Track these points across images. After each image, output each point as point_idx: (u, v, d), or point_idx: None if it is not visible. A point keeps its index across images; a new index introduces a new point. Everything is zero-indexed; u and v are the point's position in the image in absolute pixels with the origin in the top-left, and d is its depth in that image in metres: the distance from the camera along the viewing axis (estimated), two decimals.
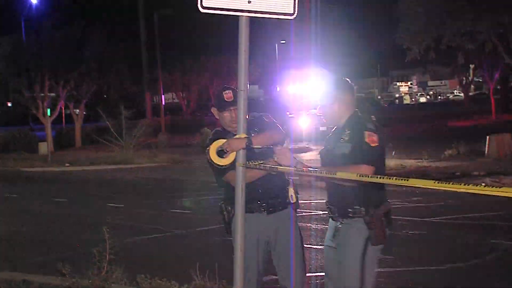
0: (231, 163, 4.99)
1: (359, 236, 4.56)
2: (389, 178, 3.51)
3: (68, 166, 26.06)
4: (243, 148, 4.84)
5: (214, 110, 5.36)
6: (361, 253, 4.55)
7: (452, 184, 3.12)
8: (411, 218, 11.33)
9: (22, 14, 43.65)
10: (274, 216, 5.24)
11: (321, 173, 4.12)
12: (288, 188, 5.21)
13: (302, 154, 23.13)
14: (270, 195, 5.20)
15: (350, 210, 4.60)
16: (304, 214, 11.62)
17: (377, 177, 3.64)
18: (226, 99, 5.21)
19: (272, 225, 5.24)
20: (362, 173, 4.30)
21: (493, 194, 2.91)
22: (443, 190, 3.26)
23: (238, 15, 4.72)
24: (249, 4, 4.70)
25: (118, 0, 50.59)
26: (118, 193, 17.44)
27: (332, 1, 62.93)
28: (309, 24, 52.85)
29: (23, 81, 35.15)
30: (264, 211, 5.23)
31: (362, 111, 4.76)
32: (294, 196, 5.21)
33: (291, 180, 5.21)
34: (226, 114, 5.24)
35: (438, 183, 3.16)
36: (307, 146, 27.60)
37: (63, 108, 38.94)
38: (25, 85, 35.11)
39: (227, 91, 5.20)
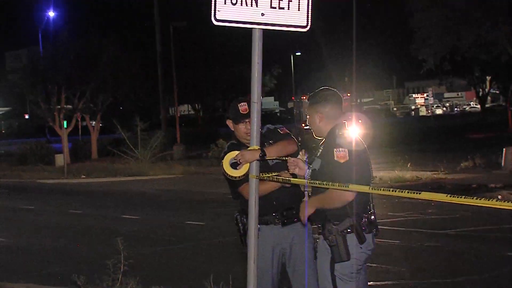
0: (244, 175, 5.00)
1: (323, 254, 4.56)
2: (401, 191, 3.51)
3: (84, 177, 26.16)
4: (257, 160, 4.85)
5: (229, 122, 5.39)
6: (329, 271, 4.53)
7: (465, 198, 3.12)
8: (426, 230, 11.29)
9: (40, 27, 44.09)
10: (289, 228, 5.25)
11: (332, 185, 4.12)
12: (303, 200, 5.21)
13: None
14: (284, 207, 5.20)
15: (314, 226, 4.67)
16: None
17: (389, 190, 3.64)
18: (241, 112, 5.22)
19: (287, 237, 5.24)
20: (332, 199, 4.44)
21: (506, 208, 2.91)
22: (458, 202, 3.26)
23: (252, 28, 4.75)
24: (263, 16, 4.73)
25: (133, 12, 50.93)
26: (133, 204, 17.49)
27: (346, 13, 63.01)
28: (324, 36, 52.94)
29: (40, 93, 35.36)
30: (279, 223, 5.24)
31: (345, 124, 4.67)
32: None
33: (305, 192, 5.22)
34: (241, 126, 5.26)
35: (450, 196, 3.16)
36: None
37: (79, 120, 39.10)
38: (42, 97, 35.31)
39: (242, 103, 5.22)
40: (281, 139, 5.14)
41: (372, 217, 4.59)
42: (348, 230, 4.47)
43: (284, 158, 4.93)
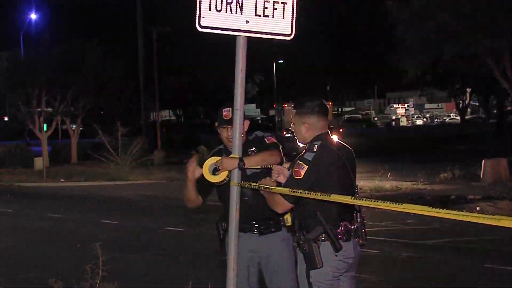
0: (223, 181, 5.00)
1: (301, 263, 4.63)
2: (383, 202, 3.51)
3: (63, 181, 26.00)
4: (236, 168, 4.85)
5: (215, 125, 5.40)
6: (305, 279, 4.58)
7: (447, 210, 3.13)
8: (405, 241, 11.32)
9: (21, 30, 43.85)
10: (266, 238, 5.24)
11: (314, 195, 4.12)
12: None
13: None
14: (263, 216, 5.18)
15: (293, 235, 4.78)
16: None
17: (372, 201, 3.64)
18: (223, 117, 5.22)
19: (264, 247, 5.23)
20: (275, 203, 4.60)
21: (487, 223, 2.92)
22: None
23: (236, 35, 4.75)
24: (247, 24, 4.73)
25: (117, 17, 50.81)
26: (112, 209, 17.40)
27: (329, 22, 63.30)
28: (306, 44, 53.10)
29: (20, 96, 35.14)
30: (256, 232, 5.23)
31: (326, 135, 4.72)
32: (289, 218, 5.19)
33: None
34: (223, 131, 5.26)
35: (432, 209, 3.16)
36: None
37: (59, 123, 38.88)
38: (22, 100, 35.10)
39: (226, 109, 5.21)
40: (265, 149, 5.13)
41: (354, 226, 4.61)
42: (322, 238, 4.49)
43: (269, 166, 4.93)
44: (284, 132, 36.38)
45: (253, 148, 5.10)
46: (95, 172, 27.52)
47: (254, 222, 5.21)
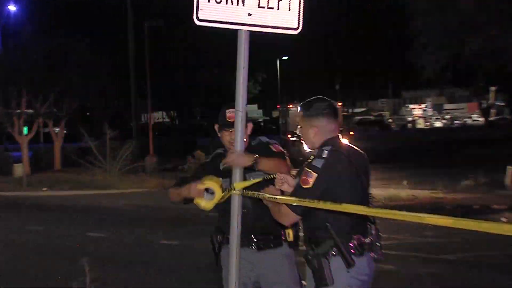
0: (212, 207, 5.03)
1: (309, 279, 4.61)
2: (400, 212, 3.51)
3: (45, 190, 26.02)
4: (246, 167, 4.82)
5: (216, 127, 5.38)
6: None
7: (470, 220, 3.13)
8: (423, 255, 11.31)
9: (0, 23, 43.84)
10: (265, 253, 5.23)
11: (324, 204, 4.12)
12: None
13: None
14: (262, 229, 5.17)
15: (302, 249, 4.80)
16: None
17: (387, 210, 3.64)
18: (227, 119, 5.22)
19: (262, 263, 5.23)
20: (281, 215, 4.56)
21: None
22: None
23: (237, 29, 4.74)
24: (250, 17, 4.71)
25: (105, 10, 50.81)
26: (100, 221, 17.39)
27: (340, 14, 63.32)
28: (314, 39, 53.11)
29: None
30: (254, 246, 5.22)
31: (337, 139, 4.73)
32: (291, 233, 5.18)
33: None
34: (226, 134, 5.27)
35: (457, 220, 3.15)
36: None
37: (41, 126, 38.87)
38: None
39: (230, 110, 5.18)
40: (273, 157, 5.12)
41: (369, 239, 4.59)
42: (333, 252, 4.47)
43: (272, 176, 4.92)
44: (289, 136, 36.34)
45: (256, 156, 5.08)
46: (81, 180, 27.53)
47: (253, 236, 5.20)
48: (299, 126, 4.84)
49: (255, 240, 5.20)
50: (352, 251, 4.50)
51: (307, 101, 4.84)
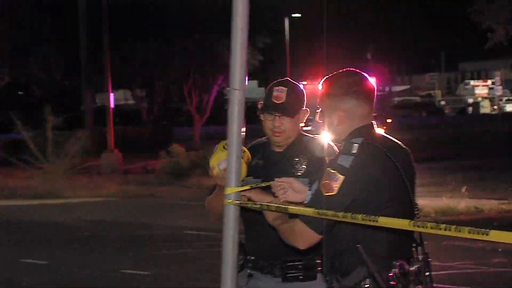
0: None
1: None
2: (458, 230, 3.52)
3: None
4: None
5: (259, 108, 5.47)
6: None
7: None
8: None
9: None
10: (292, 286, 5.28)
11: (355, 218, 4.14)
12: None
13: None
14: (288, 253, 5.19)
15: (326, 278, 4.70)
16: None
17: (441, 227, 3.66)
18: (273, 99, 5.31)
19: None
20: (294, 234, 4.57)
21: None
22: None
23: None
24: None
25: None
26: (39, 242, 17.41)
27: None
28: None
29: None
30: (279, 275, 5.26)
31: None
32: None
33: None
34: (267, 119, 5.34)
35: None
36: None
37: None
38: None
39: (279, 88, 5.30)
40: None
41: (414, 266, 4.58)
42: (367, 284, 4.46)
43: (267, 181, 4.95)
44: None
45: (301, 159, 5.13)
46: (12, 184, 27.55)
47: (277, 262, 5.27)
48: (318, 110, 4.82)
49: (278, 266, 5.26)
50: (392, 283, 4.51)
51: (330, 75, 4.83)
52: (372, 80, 4.84)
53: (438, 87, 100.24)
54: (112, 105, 37.65)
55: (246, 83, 4.78)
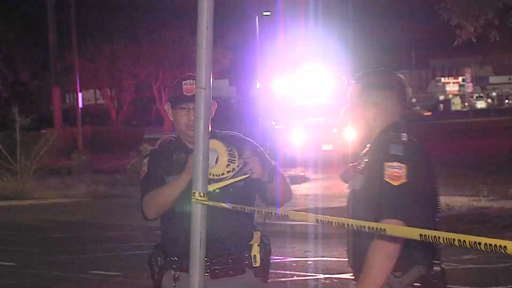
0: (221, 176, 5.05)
1: None
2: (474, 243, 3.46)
3: None
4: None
5: (167, 107, 5.42)
6: None
7: None
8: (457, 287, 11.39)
9: None
10: (221, 283, 5.27)
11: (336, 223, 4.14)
12: (251, 241, 5.22)
13: (295, 186, 23.15)
14: (218, 247, 5.19)
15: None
16: (288, 278, 11.61)
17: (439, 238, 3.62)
18: (185, 92, 5.29)
19: None
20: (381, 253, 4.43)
21: None
22: None
23: None
24: None
25: None
26: (7, 244, 17.38)
27: None
28: None
29: None
30: (206, 272, 5.16)
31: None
32: (258, 256, 5.18)
33: (258, 226, 5.25)
34: (182, 113, 5.31)
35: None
36: (302, 174, 27.61)
37: None
38: None
39: (188, 81, 5.28)
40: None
41: (442, 265, 4.68)
42: (417, 284, 4.53)
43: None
44: (274, 122, 36.45)
45: (231, 149, 5.10)
46: None
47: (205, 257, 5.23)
48: (349, 106, 4.82)
49: (207, 262, 5.14)
50: (435, 280, 4.60)
51: (366, 72, 4.87)
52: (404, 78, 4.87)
53: (410, 84, 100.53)
54: (80, 105, 37.59)
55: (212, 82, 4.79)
